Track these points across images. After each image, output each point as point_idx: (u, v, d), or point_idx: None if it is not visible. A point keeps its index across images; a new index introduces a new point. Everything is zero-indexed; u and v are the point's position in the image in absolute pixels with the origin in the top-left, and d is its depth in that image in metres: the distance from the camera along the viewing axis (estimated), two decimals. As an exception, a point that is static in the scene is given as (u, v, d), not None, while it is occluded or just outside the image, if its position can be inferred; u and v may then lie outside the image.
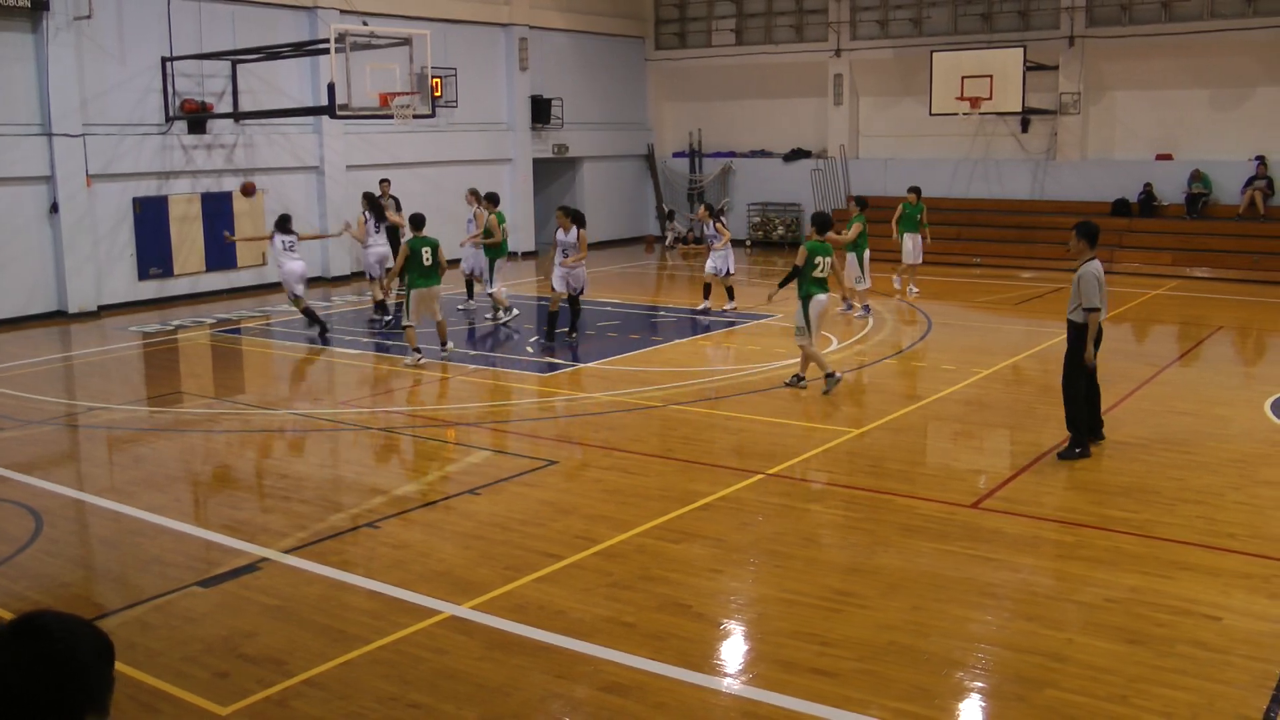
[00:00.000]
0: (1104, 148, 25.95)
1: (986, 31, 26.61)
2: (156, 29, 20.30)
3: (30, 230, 19.00)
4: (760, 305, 17.70)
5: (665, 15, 31.45)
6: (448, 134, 25.74)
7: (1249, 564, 7.61)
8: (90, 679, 2.15)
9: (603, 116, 30.47)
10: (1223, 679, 5.98)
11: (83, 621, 2.21)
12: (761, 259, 27.64)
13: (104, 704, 2.17)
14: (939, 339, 16.24)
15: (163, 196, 20.61)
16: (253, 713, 5.80)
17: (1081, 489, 9.29)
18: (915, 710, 5.71)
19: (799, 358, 13.10)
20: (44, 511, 9.10)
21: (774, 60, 29.78)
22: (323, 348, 16.18)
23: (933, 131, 27.15)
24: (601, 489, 9.53)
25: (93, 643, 2.19)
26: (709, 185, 30.86)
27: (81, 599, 7.44)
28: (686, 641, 6.54)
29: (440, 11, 25.32)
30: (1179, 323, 18.09)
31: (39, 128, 18.91)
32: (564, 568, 7.66)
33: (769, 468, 9.90)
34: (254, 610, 7.06)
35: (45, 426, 12.05)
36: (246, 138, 21.95)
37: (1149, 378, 13.47)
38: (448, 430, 11.74)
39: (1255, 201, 23.31)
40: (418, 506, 9.11)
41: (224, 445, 11.47)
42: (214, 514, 9.26)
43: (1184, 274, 22.73)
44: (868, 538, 8.23)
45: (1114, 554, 7.80)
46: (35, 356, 15.93)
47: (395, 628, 6.73)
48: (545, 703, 5.89)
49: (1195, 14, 24.35)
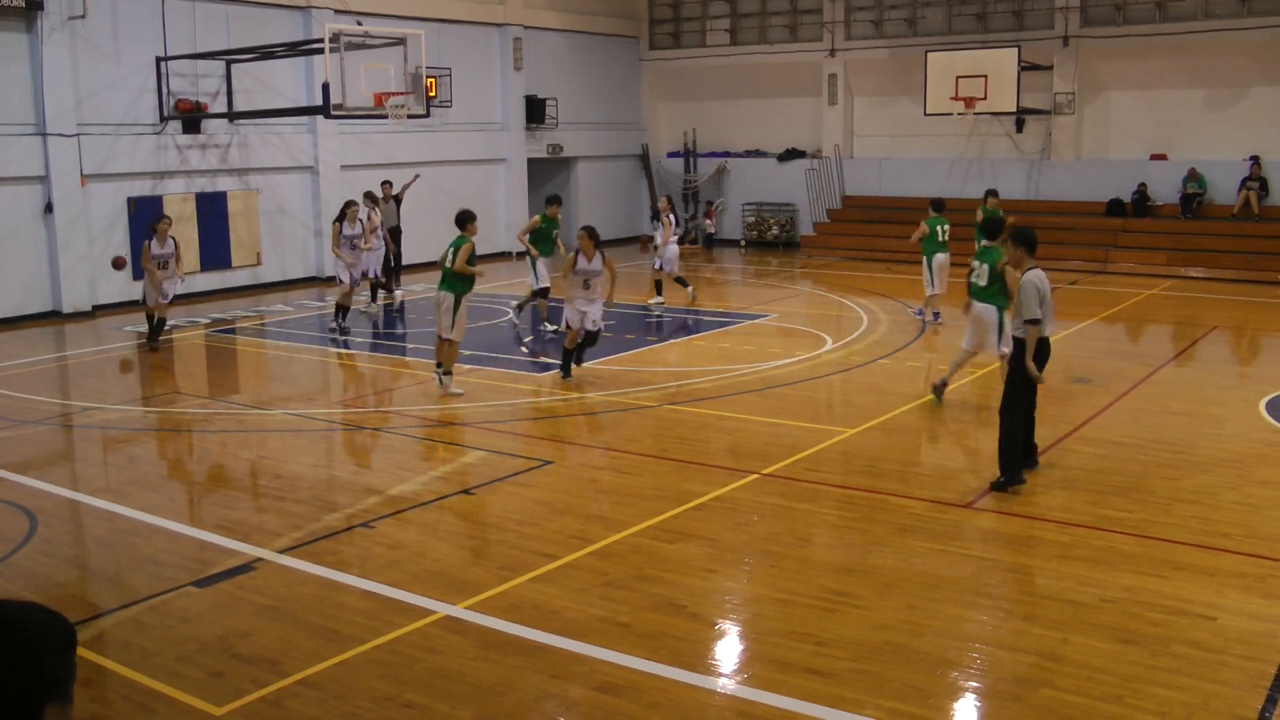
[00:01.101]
0: (1099, 148, 25.98)
1: (981, 31, 26.63)
2: (151, 29, 20.28)
3: (25, 230, 18.97)
4: (751, 306, 17.67)
5: (659, 15, 31.44)
6: (442, 134, 25.73)
7: (1244, 564, 7.62)
8: (51, 667, 2.11)
9: (597, 116, 30.47)
10: (1217, 679, 5.99)
11: (42, 609, 2.17)
12: (756, 259, 27.66)
13: (66, 691, 2.13)
14: (934, 339, 16.25)
15: (157, 196, 20.57)
16: (248, 713, 5.79)
17: (1076, 489, 9.29)
18: (910, 710, 5.71)
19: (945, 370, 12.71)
20: (38, 511, 9.08)
21: (768, 60, 29.79)
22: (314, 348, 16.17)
23: (927, 131, 27.17)
24: (596, 489, 9.53)
25: (53, 630, 2.15)
26: (703, 185, 30.88)
27: (76, 599, 7.42)
28: (681, 641, 6.54)
29: (435, 11, 25.30)
30: (1174, 323, 18.11)
31: (33, 127, 18.88)
32: (559, 568, 7.66)
33: (764, 468, 9.90)
34: (249, 610, 7.05)
35: (40, 426, 12.02)
36: (241, 138, 21.92)
37: (1144, 378, 13.49)
38: (445, 431, 11.72)
39: (1250, 201, 23.35)
40: (412, 506, 9.10)
41: (218, 445, 11.45)
42: (209, 514, 9.24)
43: (1179, 274, 22.76)
44: (862, 538, 8.23)
45: (1109, 554, 7.81)
46: (30, 356, 15.90)
47: (390, 628, 6.72)
48: (540, 702, 5.88)
49: (1190, 14, 24.38)
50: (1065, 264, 23.94)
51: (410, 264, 23.69)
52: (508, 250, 27.72)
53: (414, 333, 17.84)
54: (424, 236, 23.57)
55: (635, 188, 31.77)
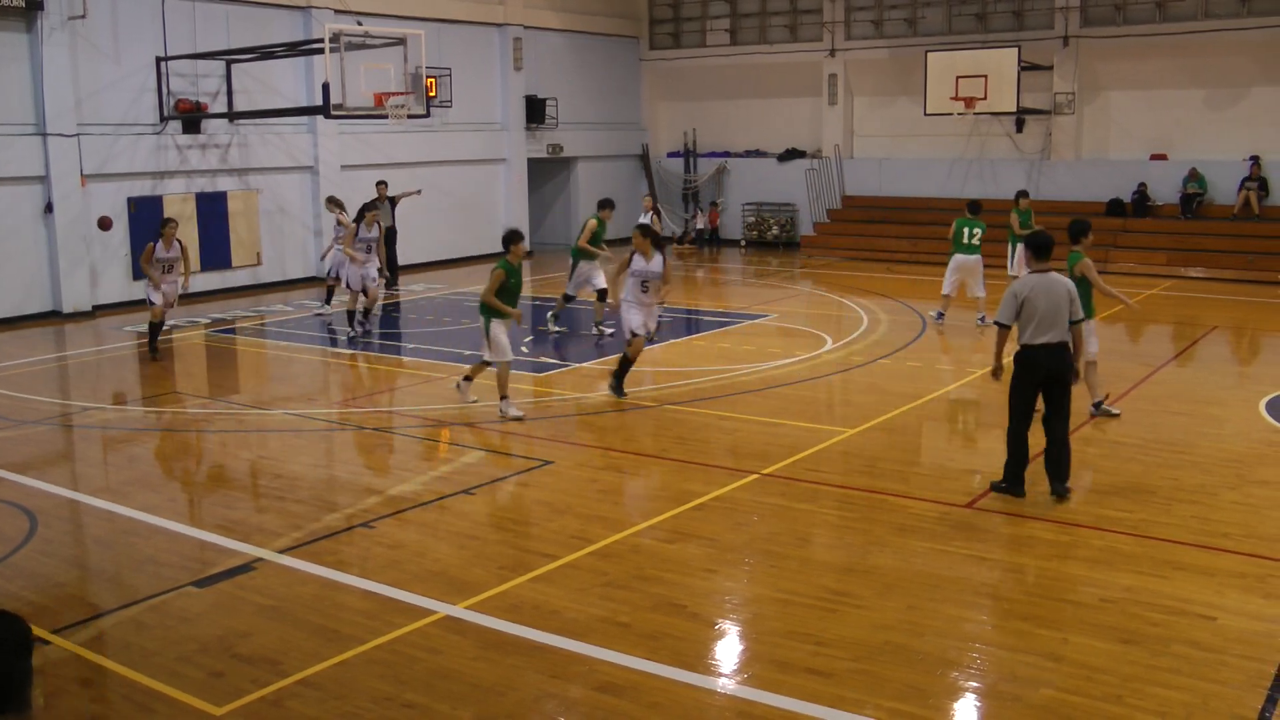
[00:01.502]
0: (1099, 148, 25.98)
1: (981, 31, 26.63)
2: (151, 29, 20.28)
3: (25, 230, 18.97)
4: (751, 306, 17.65)
5: (659, 15, 31.44)
6: (442, 134, 25.72)
7: (1244, 564, 7.62)
8: (3, 671, 1.98)
9: (597, 116, 30.47)
10: (1217, 679, 5.99)
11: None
12: (756, 259, 27.66)
13: (23, 698, 2.01)
14: (934, 339, 16.25)
15: (157, 196, 20.58)
16: (247, 713, 5.79)
17: (1076, 489, 9.28)
18: (910, 710, 5.71)
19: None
20: (38, 511, 9.08)
21: (768, 60, 29.79)
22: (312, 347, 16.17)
23: (927, 131, 27.18)
24: (596, 489, 9.53)
25: (7, 635, 2.02)
26: (703, 185, 30.88)
27: (76, 599, 7.42)
28: (681, 641, 6.54)
29: (435, 11, 25.30)
30: (1174, 323, 18.11)
31: (33, 127, 18.88)
32: (559, 568, 7.66)
33: (764, 468, 9.90)
34: (249, 610, 7.05)
35: (40, 426, 12.03)
36: (241, 138, 21.92)
37: (1144, 377, 13.48)
38: (442, 430, 11.72)
39: (1250, 201, 23.35)
40: (413, 506, 9.10)
41: (218, 445, 11.45)
42: (208, 514, 9.25)
43: (1179, 274, 22.76)
44: (862, 538, 8.23)
45: (1109, 554, 7.81)
46: (30, 356, 15.90)
47: (390, 628, 6.72)
48: (540, 702, 5.88)
49: (1190, 14, 24.38)
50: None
51: (409, 264, 23.74)
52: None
53: (413, 333, 17.85)
54: (424, 237, 23.60)
55: (635, 188, 31.75)
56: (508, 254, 11.79)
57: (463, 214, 26.39)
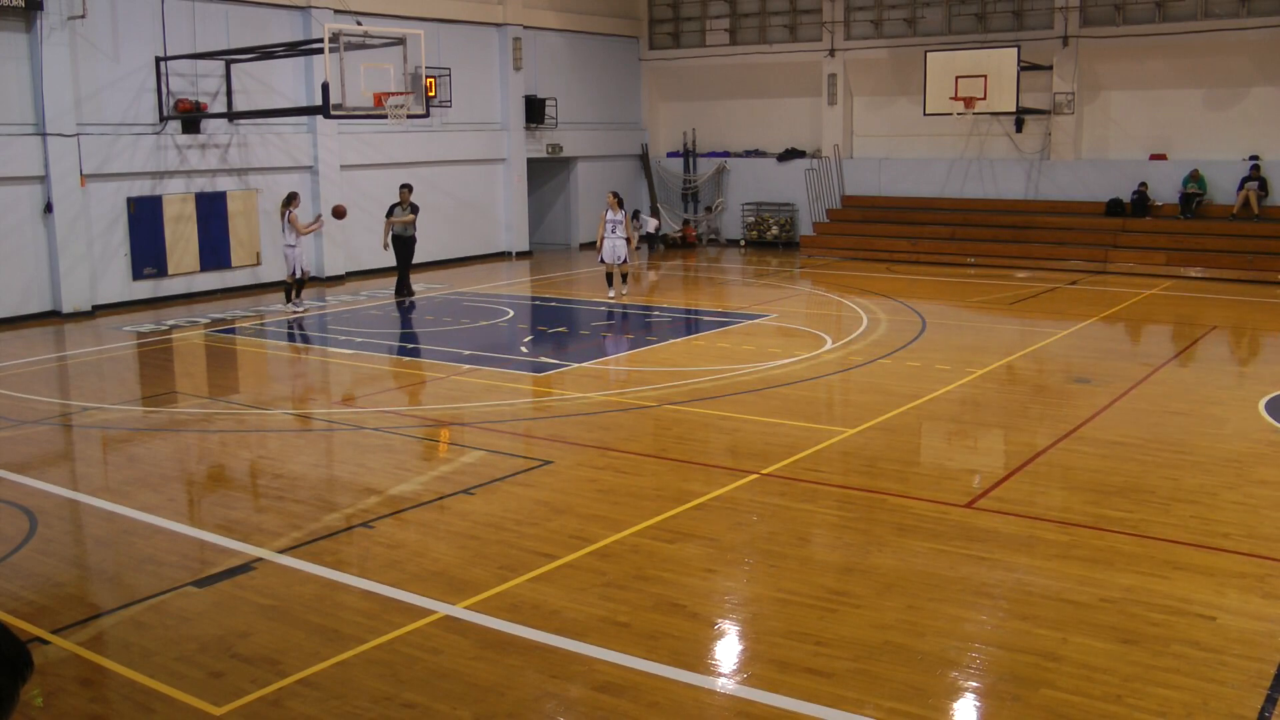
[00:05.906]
0: (1098, 147, 25.99)
1: (981, 31, 26.64)
2: (150, 28, 20.28)
3: (24, 230, 18.97)
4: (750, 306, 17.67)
5: (659, 15, 31.44)
6: (442, 134, 25.73)
7: (1243, 563, 7.63)
8: None
9: (597, 116, 30.47)
10: (1217, 679, 5.99)
11: None
12: (755, 259, 27.66)
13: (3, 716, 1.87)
14: (933, 339, 16.25)
15: (157, 196, 20.58)
16: (247, 712, 5.79)
17: (1076, 489, 9.30)
18: (910, 710, 5.71)
19: None
20: (38, 511, 9.08)
21: (768, 60, 29.79)
22: (312, 346, 16.16)
23: (927, 131, 27.19)
24: (596, 489, 9.53)
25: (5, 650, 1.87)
26: (703, 185, 30.88)
27: (75, 599, 7.42)
28: (681, 641, 6.54)
29: (434, 11, 25.30)
30: (1173, 322, 18.11)
31: (33, 127, 18.88)
32: (558, 567, 7.66)
33: (763, 468, 9.90)
34: (248, 610, 7.05)
35: (40, 426, 12.02)
36: (241, 137, 21.92)
37: (1143, 377, 13.49)
38: (441, 431, 11.73)
39: (1250, 201, 23.35)
40: (412, 506, 9.10)
41: (218, 445, 11.45)
42: (208, 514, 9.25)
43: (1178, 274, 22.76)
44: (862, 537, 8.23)
45: (1109, 554, 7.82)
46: (30, 356, 15.90)
47: (390, 627, 6.73)
48: (539, 702, 5.88)
49: (1189, 14, 24.38)
50: (1065, 264, 23.98)
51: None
52: (508, 250, 27.75)
53: (413, 332, 17.85)
54: (423, 236, 23.49)
55: (635, 188, 31.76)
56: None
57: (462, 214, 26.42)
